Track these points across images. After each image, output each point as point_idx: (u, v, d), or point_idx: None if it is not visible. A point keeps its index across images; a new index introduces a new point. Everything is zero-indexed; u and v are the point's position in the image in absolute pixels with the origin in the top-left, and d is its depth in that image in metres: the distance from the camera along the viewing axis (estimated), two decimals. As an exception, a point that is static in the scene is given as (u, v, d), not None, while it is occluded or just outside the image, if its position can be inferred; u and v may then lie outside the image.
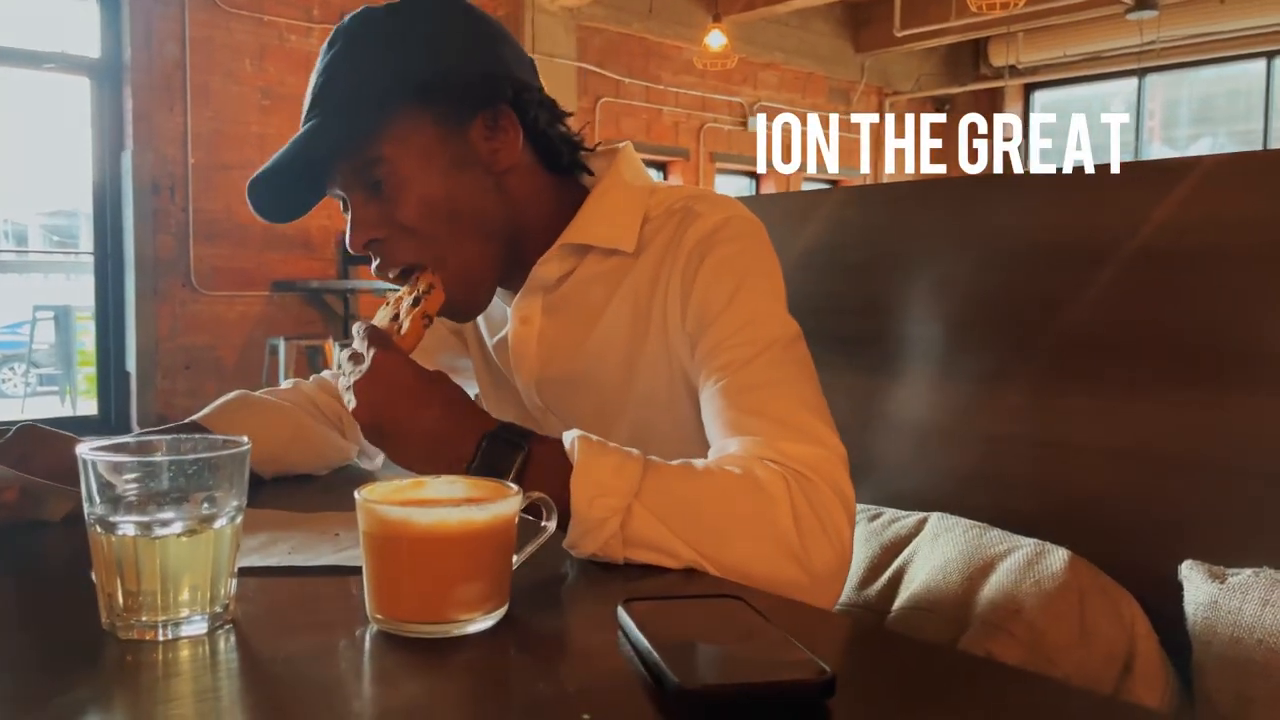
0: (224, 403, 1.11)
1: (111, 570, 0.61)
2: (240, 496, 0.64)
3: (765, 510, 0.80)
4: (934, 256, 1.28)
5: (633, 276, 1.00)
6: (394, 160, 0.93)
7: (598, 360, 1.02)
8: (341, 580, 0.72)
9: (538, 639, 0.65)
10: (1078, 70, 9.79)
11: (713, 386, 0.92)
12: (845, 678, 0.52)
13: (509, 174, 0.98)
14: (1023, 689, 0.57)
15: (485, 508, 0.62)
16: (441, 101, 0.94)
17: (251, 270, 6.66)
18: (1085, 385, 1.12)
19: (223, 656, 0.61)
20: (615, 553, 0.76)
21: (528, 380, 1.07)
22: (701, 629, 0.60)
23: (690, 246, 0.96)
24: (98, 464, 0.62)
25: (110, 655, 0.61)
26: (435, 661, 0.60)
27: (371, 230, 0.95)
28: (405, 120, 0.94)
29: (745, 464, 0.83)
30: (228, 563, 0.64)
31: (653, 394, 1.00)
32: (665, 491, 0.78)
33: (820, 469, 0.84)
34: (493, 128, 0.96)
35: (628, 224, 1.00)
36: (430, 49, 0.95)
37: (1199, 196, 1.05)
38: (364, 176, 0.94)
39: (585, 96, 7.93)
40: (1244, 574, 0.97)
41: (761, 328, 0.92)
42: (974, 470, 1.23)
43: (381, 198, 0.95)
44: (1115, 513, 1.11)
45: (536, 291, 1.04)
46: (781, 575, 0.79)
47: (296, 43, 6.75)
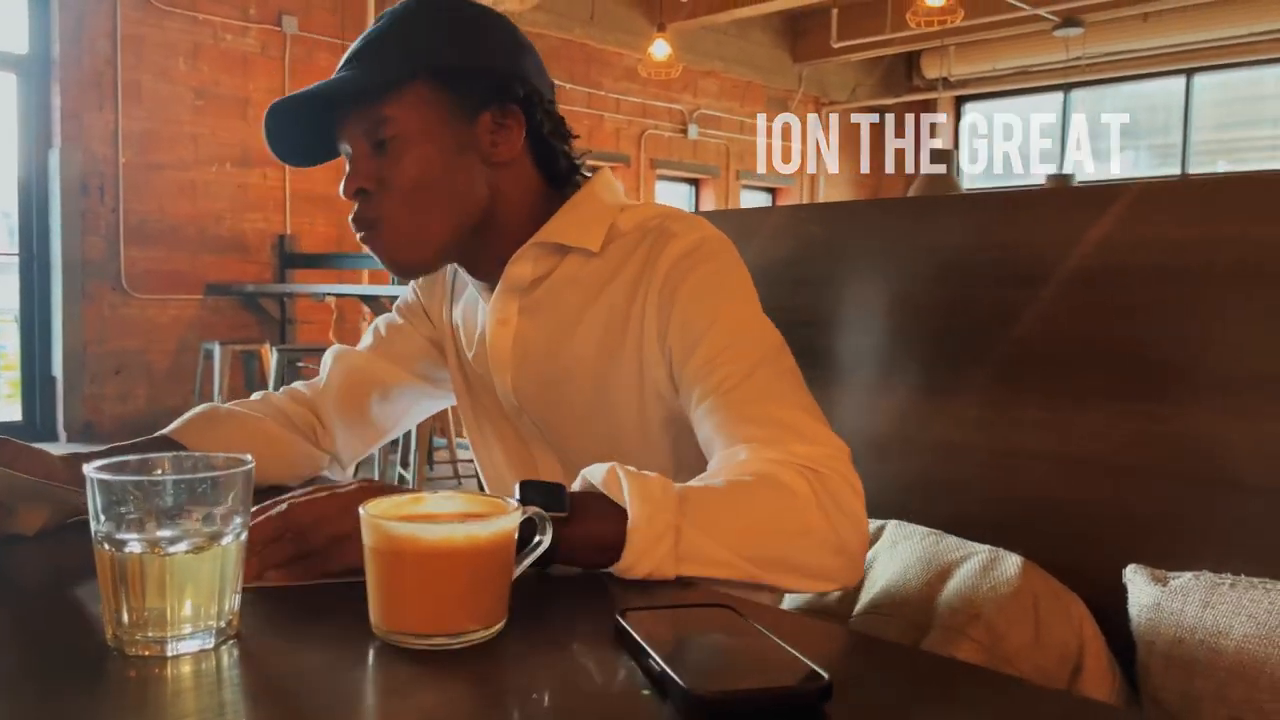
0: (193, 416, 1.11)
1: (118, 587, 0.62)
2: (245, 513, 0.65)
3: (796, 507, 0.85)
4: (890, 272, 1.33)
5: (610, 288, 1.05)
6: (402, 124, 1.00)
7: (572, 365, 1.06)
8: (343, 593, 0.73)
9: (538, 649, 0.67)
10: (1007, 84, 10.05)
11: (711, 402, 0.96)
12: (838, 682, 0.56)
13: (503, 168, 1.05)
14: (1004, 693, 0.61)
15: (489, 524, 0.64)
16: (460, 87, 1.02)
17: (185, 273, 6.53)
18: (1035, 397, 1.18)
19: (229, 672, 0.63)
20: (669, 570, 0.78)
21: (503, 380, 1.10)
22: (699, 637, 0.63)
23: (668, 266, 1.01)
24: (105, 482, 0.62)
25: (117, 672, 0.61)
26: (441, 673, 0.61)
27: (364, 181, 1.01)
28: (423, 92, 1.01)
29: (764, 468, 0.88)
30: (233, 578, 0.65)
31: (625, 405, 1.05)
32: (704, 506, 0.82)
33: (829, 464, 0.90)
34: (499, 123, 1.04)
35: (596, 228, 1.06)
36: (463, 39, 1.04)
37: (1133, 218, 1.11)
38: (372, 132, 1.01)
39: (526, 101, 7.92)
40: (1184, 577, 1.02)
41: (750, 342, 0.98)
42: (929, 478, 1.28)
43: (382, 156, 1.01)
44: (1064, 519, 1.16)
45: (512, 292, 1.08)
46: (824, 564, 0.86)
47: (232, 42, 6.64)
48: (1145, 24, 8.50)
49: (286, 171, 6.87)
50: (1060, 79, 9.49)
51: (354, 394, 1.20)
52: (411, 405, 1.26)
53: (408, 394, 1.24)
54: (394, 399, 1.23)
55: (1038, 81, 9.85)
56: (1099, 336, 1.14)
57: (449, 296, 1.22)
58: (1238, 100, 9.48)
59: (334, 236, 7.17)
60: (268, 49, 6.79)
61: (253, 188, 6.79)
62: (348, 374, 1.21)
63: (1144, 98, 9.85)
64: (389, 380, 1.21)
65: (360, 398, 1.20)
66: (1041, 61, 9.44)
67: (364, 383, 1.20)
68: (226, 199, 6.68)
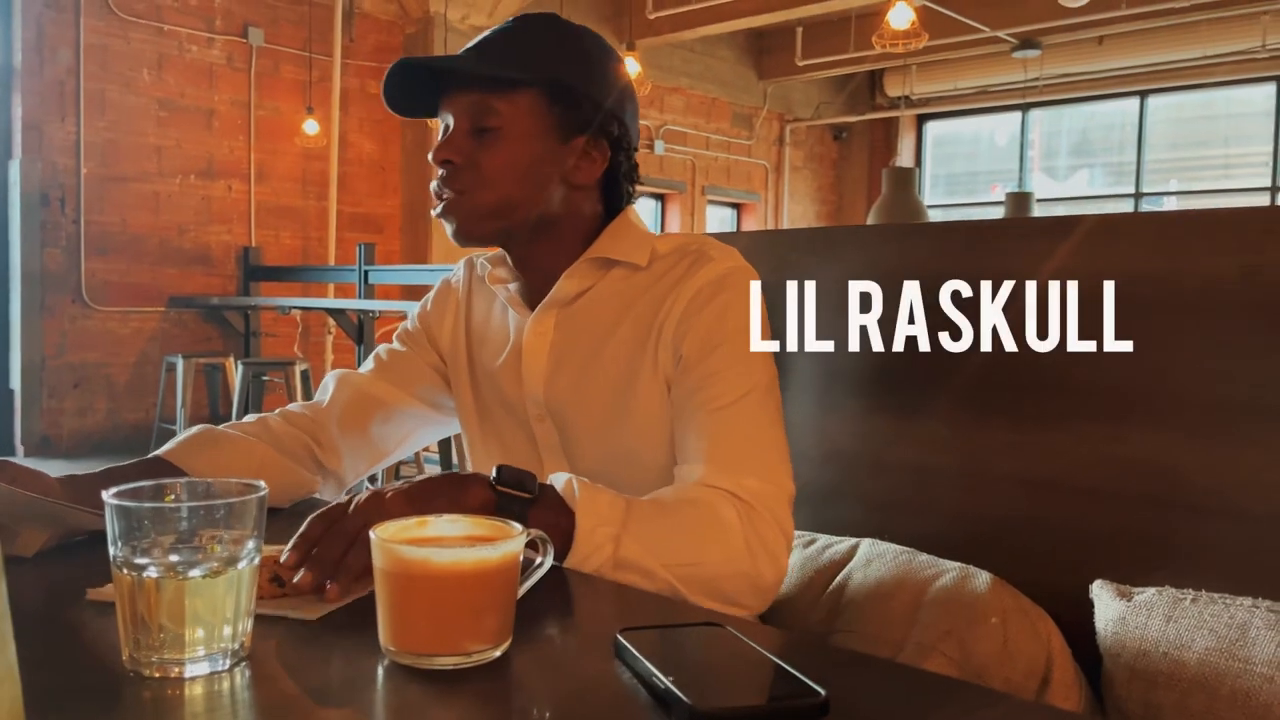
0: (189, 438, 1.12)
1: (136, 610, 0.64)
2: (258, 538, 0.67)
3: (724, 540, 0.98)
4: (863, 301, 1.37)
5: (642, 300, 1.13)
6: (506, 120, 1.10)
7: (601, 374, 1.13)
8: (352, 614, 0.75)
9: (542, 667, 0.70)
10: (967, 103, 10.24)
11: (696, 411, 1.06)
12: (833, 698, 0.59)
13: (575, 190, 1.15)
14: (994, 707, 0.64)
15: (497, 547, 0.67)
16: (566, 107, 1.12)
17: (147, 285, 6.47)
18: (1002, 420, 1.22)
19: (243, 693, 0.65)
20: (607, 573, 0.91)
21: (534, 388, 1.16)
22: (697, 655, 0.66)
23: (701, 284, 1.11)
24: (124, 508, 0.64)
25: (136, 693, 0.63)
26: (451, 692, 0.64)
27: (455, 155, 1.10)
28: (534, 100, 1.11)
29: (705, 495, 1.01)
30: (247, 601, 0.67)
31: (647, 414, 1.11)
32: (646, 522, 0.95)
33: (767, 503, 1.02)
34: (587, 151, 1.14)
35: (642, 245, 1.16)
36: (585, 68, 1.14)
37: (1088, 247, 1.17)
38: (476, 116, 1.10)
39: (493, 116, 7.94)
40: (1148, 593, 1.07)
41: (750, 373, 1.08)
42: (900, 498, 1.32)
43: (478, 139, 1.10)
44: (1031, 537, 1.21)
45: (553, 306, 1.16)
46: (739, 593, 0.98)
47: (197, 54, 6.60)
48: (1100, 47, 8.70)
49: (252, 184, 6.84)
50: (1019, 99, 9.68)
51: (357, 415, 1.23)
52: (415, 429, 1.29)
53: (410, 417, 1.27)
54: (396, 421, 1.26)
55: (997, 101, 10.04)
56: (1060, 362, 1.18)
57: (463, 312, 1.28)
58: (1189, 121, 9.73)
59: (299, 249, 7.14)
60: (233, 60, 6.76)
61: (217, 200, 6.75)
62: (351, 395, 1.24)
63: (1099, 118, 10.08)
64: (391, 402, 1.25)
65: (363, 419, 1.23)
66: (1001, 81, 9.63)
67: (367, 404, 1.24)
68: (190, 211, 6.63)
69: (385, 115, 7.55)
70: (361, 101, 7.38)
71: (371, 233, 7.26)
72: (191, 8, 6.56)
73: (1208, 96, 9.34)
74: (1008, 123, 10.47)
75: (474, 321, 1.26)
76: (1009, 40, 8.41)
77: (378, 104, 7.52)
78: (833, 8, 7.79)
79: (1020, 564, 1.18)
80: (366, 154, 7.45)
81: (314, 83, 7.01)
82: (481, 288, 1.28)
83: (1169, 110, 9.65)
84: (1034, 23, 7.91)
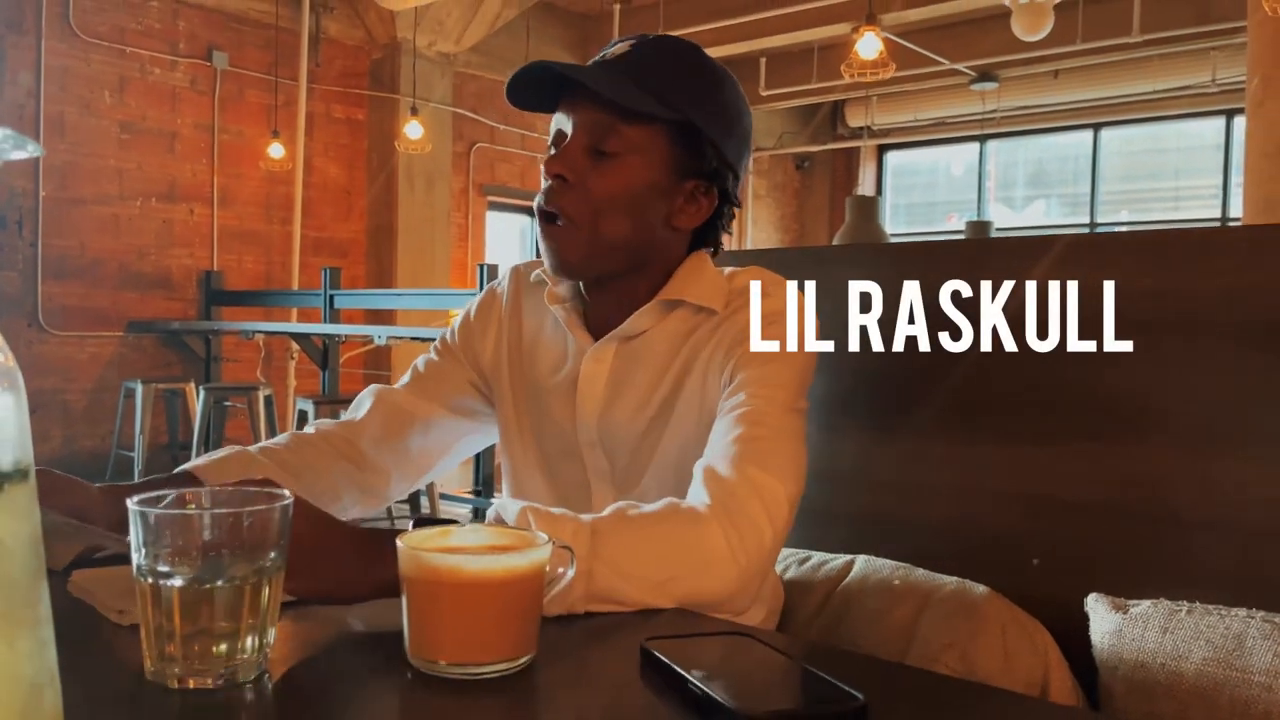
0: (224, 458, 1.10)
1: (161, 619, 0.63)
2: (282, 548, 0.66)
3: (699, 538, 0.89)
4: (857, 317, 1.38)
5: (697, 337, 1.12)
6: (628, 145, 1.08)
7: (654, 411, 1.12)
8: (376, 623, 0.74)
9: (568, 678, 0.69)
10: (926, 134, 10.42)
11: (727, 415, 1.04)
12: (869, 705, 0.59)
13: (673, 231, 1.14)
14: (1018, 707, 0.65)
15: (525, 554, 0.67)
16: (690, 148, 1.10)
17: (105, 309, 6.37)
18: (999, 437, 1.24)
19: (269, 702, 0.64)
20: (579, 608, 0.82)
21: (588, 418, 1.14)
22: (729, 662, 0.66)
23: (749, 319, 1.09)
24: (148, 516, 0.63)
25: (160, 704, 0.62)
26: (480, 702, 0.63)
27: (569, 171, 1.08)
28: (659, 134, 1.09)
29: (684, 503, 0.94)
30: (273, 610, 0.66)
31: (682, 432, 1.10)
32: (616, 546, 0.84)
33: (766, 495, 0.95)
34: (695, 196, 1.12)
35: (718, 289, 1.14)
36: (718, 116, 1.11)
37: (1081, 265, 1.19)
38: (598, 134, 1.08)
39: (460, 141, 7.96)
40: (1143, 605, 1.09)
41: (780, 393, 1.06)
42: (894, 515, 1.33)
43: (595, 159, 1.08)
44: (1024, 552, 1.22)
45: (615, 339, 1.14)
46: (722, 593, 0.88)
47: (160, 76, 6.55)
48: (1056, 80, 8.91)
49: (214, 207, 6.77)
50: (977, 130, 9.86)
51: (395, 431, 1.20)
52: (455, 440, 1.26)
53: (449, 429, 1.24)
54: (436, 434, 1.23)
55: (955, 132, 10.22)
56: (1053, 380, 1.20)
57: (507, 325, 1.24)
58: (1141, 153, 9.96)
59: (262, 274, 7.07)
60: (197, 83, 6.71)
61: (179, 223, 6.68)
62: (388, 412, 1.21)
63: (1055, 149, 10.29)
64: (428, 416, 1.22)
65: (402, 434, 1.21)
66: (959, 113, 9.81)
67: (404, 420, 1.21)
68: (151, 234, 6.55)
69: (351, 139, 7.53)
70: (327, 126, 7.35)
71: (336, 257, 7.21)
72: (155, 30, 6.51)
73: (1159, 130, 9.58)
74: (965, 154, 10.66)
75: (525, 333, 1.23)
76: (967, 73, 8.58)
77: (343, 128, 7.52)
78: (796, 39, 7.91)
79: (1014, 578, 1.19)
80: (331, 178, 7.42)
81: (279, 107, 6.98)
82: (532, 298, 1.24)
83: (1121, 143, 9.88)
84: (992, 56, 8.08)
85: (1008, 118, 9.61)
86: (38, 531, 0.48)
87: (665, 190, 1.10)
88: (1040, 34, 6.81)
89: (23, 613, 0.47)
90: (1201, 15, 7.15)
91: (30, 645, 0.48)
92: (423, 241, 7.48)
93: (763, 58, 8.76)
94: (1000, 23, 6.95)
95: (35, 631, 0.48)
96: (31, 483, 0.48)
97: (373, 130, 7.53)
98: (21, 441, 0.48)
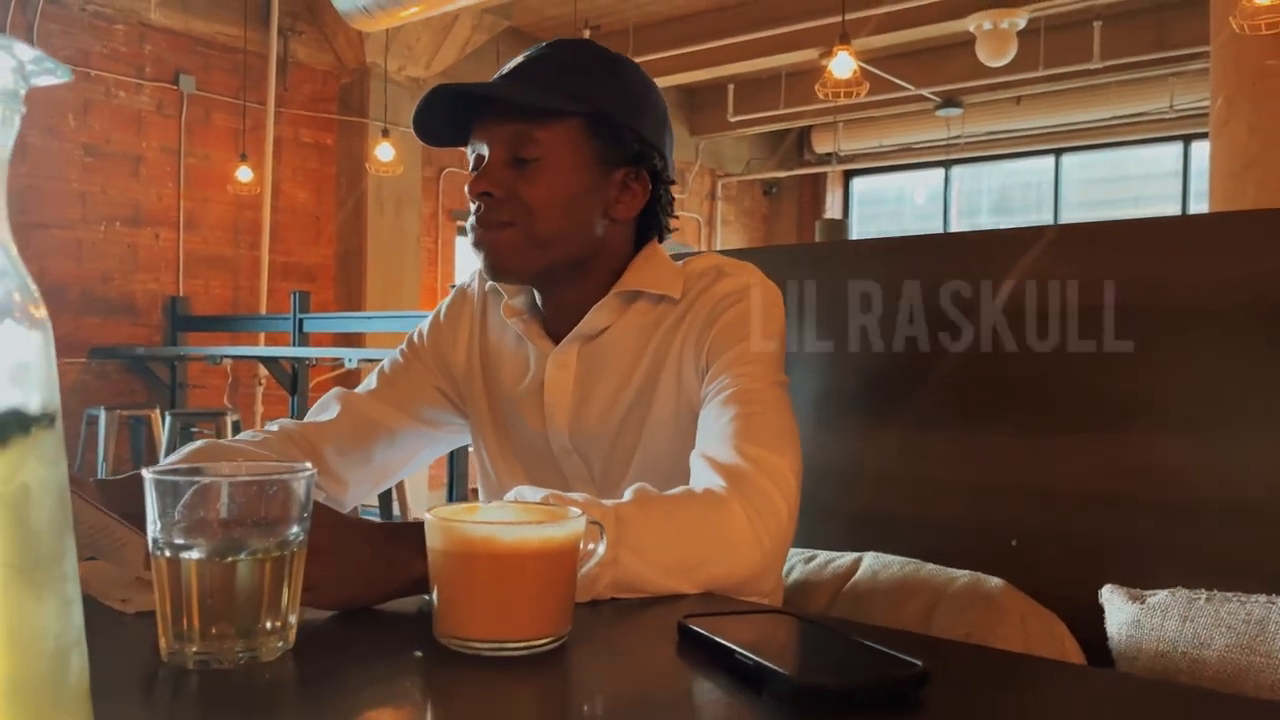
0: (195, 450, 1.06)
1: (179, 596, 0.59)
2: (305, 522, 0.63)
3: (723, 521, 0.88)
4: (855, 312, 1.37)
5: (663, 328, 1.11)
6: (548, 150, 1.06)
7: (626, 409, 1.11)
8: (398, 603, 0.71)
9: (604, 655, 0.66)
10: (891, 159, 10.53)
11: (714, 399, 1.03)
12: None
13: (614, 224, 1.12)
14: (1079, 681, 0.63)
15: (562, 525, 0.64)
16: (610, 139, 1.09)
17: (68, 335, 6.23)
18: (1006, 430, 1.23)
19: (296, 684, 0.60)
20: (605, 596, 0.79)
21: (558, 425, 1.12)
22: (776, 637, 0.64)
23: (718, 298, 1.09)
24: (165, 483, 0.60)
25: (180, 687, 0.58)
26: (516, 680, 0.60)
27: (495, 188, 1.07)
28: (576, 130, 1.08)
29: (701, 485, 0.93)
30: (295, 589, 0.63)
31: (661, 427, 1.09)
32: (642, 533, 0.81)
33: (773, 473, 0.94)
34: (628, 184, 1.11)
35: (674, 276, 1.13)
36: (629, 99, 1.11)
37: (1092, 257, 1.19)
38: (515, 146, 1.06)
39: (429, 166, 7.93)
40: (1161, 595, 1.07)
41: (764, 370, 1.05)
42: (904, 512, 1.31)
43: (517, 169, 1.07)
44: (1036, 546, 1.20)
45: (576, 340, 1.13)
46: (748, 575, 0.87)
47: (125, 99, 6.47)
48: (1019, 106, 9.05)
49: (181, 232, 6.68)
50: (942, 155, 9.99)
51: (359, 440, 1.17)
52: (420, 449, 1.24)
53: (415, 438, 1.22)
54: (400, 444, 1.20)
55: (920, 157, 10.35)
56: (1060, 372, 1.20)
57: (478, 325, 1.22)
58: (1102, 180, 10.13)
59: (229, 299, 6.98)
60: (164, 107, 6.64)
61: (143, 248, 6.57)
62: (356, 421, 1.18)
63: (1017, 175, 10.44)
64: (394, 426, 1.19)
65: (366, 444, 1.17)
66: (924, 139, 9.93)
67: (371, 430, 1.18)
68: (115, 259, 6.44)
69: (319, 164, 7.48)
70: (295, 150, 7.29)
71: (304, 282, 7.12)
72: (121, 54, 6.44)
73: (1119, 156, 9.75)
74: (930, 179, 10.79)
75: (489, 338, 1.21)
76: (932, 99, 8.69)
77: (312, 152, 7.47)
78: (764, 65, 7.98)
79: (1026, 572, 1.17)
80: (300, 203, 7.35)
81: (247, 131, 6.91)
82: (496, 304, 1.22)
83: (1082, 169, 10.04)
84: (956, 82, 8.20)
85: (972, 143, 9.74)
86: (64, 481, 0.45)
87: (595, 185, 1.09)
88: (1004, 60, 6.92)
89: (49, 568, 0.44)
90: (1160, 42, 7.30)
91: (57, 603, 0.44)
92: (392, 266, 7.42)
93: (730, 84, 8.83)
94: (965, 49, 7.06)
95: (62, 589, 0.45)
96: (58, 430, 0.45)
97: (341, 155, 7.48)
98: (50, 385, 0.45)
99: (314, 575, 0.66)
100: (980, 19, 6.51)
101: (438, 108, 1.09)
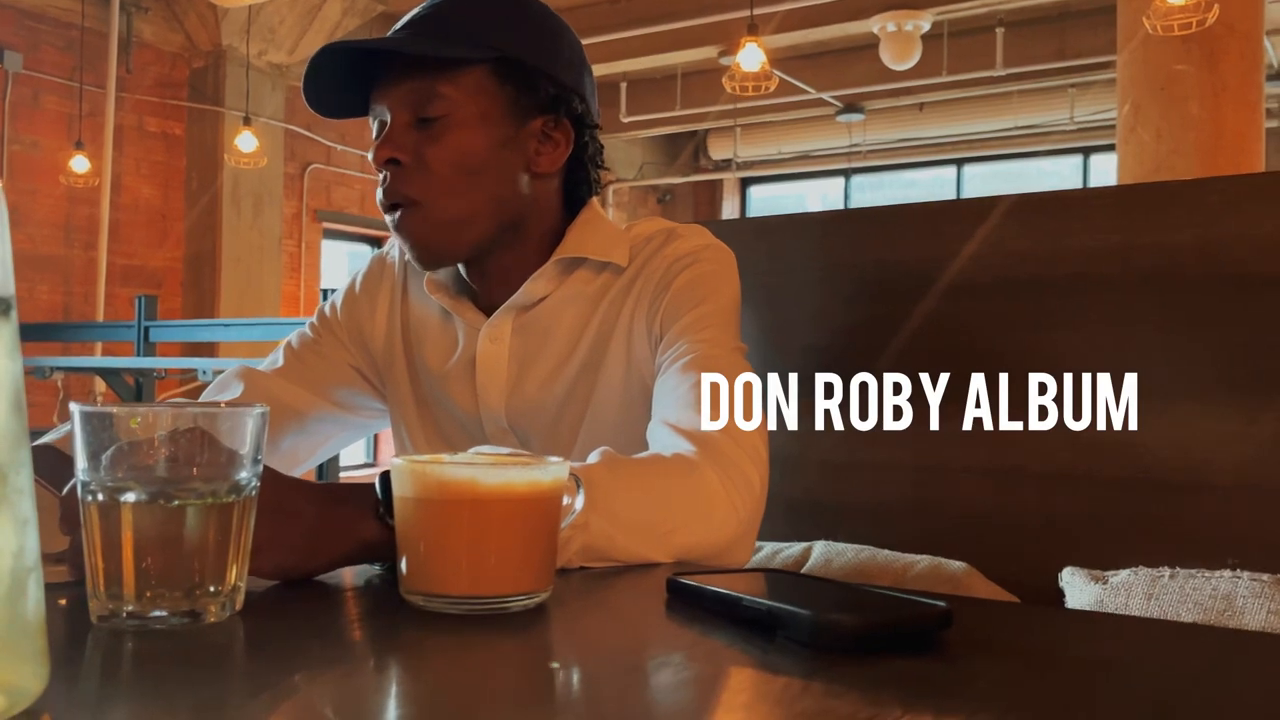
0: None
1: (109, 547, 0.56)
2: (255, 468, 0.60)
3: (697, 485, 0.87)
4: (804, 289, 1.39)
5: (609, 295, 1.09)
6: (454, 104, 1.02)
7: (570, 383, 1.09)
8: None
9: (588, 615, 0.65)
10: (790, 167, 10.78)
11: (672, 366, 1.02)
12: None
13: (538, 179, 1.09)
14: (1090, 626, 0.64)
15: (547, 470, 0.63)
16: (521, 85, 1.05)
17: None
18: (959, 410, 1.26)
19: (245, 647, 0.57)
20: (574, 564, 0.77)
21: (493, 404, 1.09)
22: (781, 586, 0.64)
23: (669, 261, 1.08)
24: (96, 415, 0.56)
25: (113, 650, 0.54)
26: (498, 638, 0.58)
27: (400, 153, 1.02)
28: (484, 79, 1.04)
29: (671, 448, 0.92)
30: (245, 539, 0.59)
31: (608, 399, 1.07)
32: (613, 496, 0.80)
33: (740, 438, 0.93)
34: (548, 134, 1.08)
35: (619, 242, 1.11)
36: (537, 40, 1.08)
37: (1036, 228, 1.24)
38: (419, 105, 1.03)
39: (292, 162, 7.74)
40: (1123, 574, 1.11)
41: (723, 335, 1.05)
42: (856, 499, 1.33)
43: (424, 130, 1.03)
44: (993, 529, 1.24)
45: (511, 310, 1.10)
46: (724, 542, 0.87)
47: None
48: (921, 114, 9.38)
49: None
50: (843, 163, 10.27)
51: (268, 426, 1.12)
52: (332, 435, 1.20)
53: (327, 423, 1.18)
54: (311, 430, 1.16)
55: (820, 165, 10.62)
56: (1014, 348, 1.24)
57: (399, 297, 1.18)
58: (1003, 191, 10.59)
59: (60, 305, 6.66)
60: (-16, 87, 6.32)
61: (-41, 246, 6.22)
62: (259, 400, 1.12)
63: (919, 185, 10.81)
64: (305, 410, 1.15)
65: (273, 431, 1.12)
66: (824, 146, 10.20)
67: (280, 414, 1.13)
68: (-75, 258, 6.08)
69: (167, 156, 7.22)
70: (139, 140, 7.03)
71: (149, 287, 6.86)
72: (-67, 25, 6.12)
73: (1019, 168, 10.21)
74: (830, 188, 11.09)
75: (412, 312, 1.17)
76: (833, 104, 8.94)
77: (158, 143, 7.22)
78: (659, 63, 8.08)
79: (983, 556, 1.20)
80: (145, 199, 7.08)
81: (84, 116, 6.63)
82: (417, 277, 1.18)
83: (983, 180, 10.47)
84: (859, 86, 8.45)
85: (873, 151, 10.05)
86: (20, 383, 0.42)
87: (511, 138, 1.05)
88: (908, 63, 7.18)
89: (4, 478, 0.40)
90: (1061, 50, 7.68)
91: (12, 520, 0.41)
92: (249, 271, 7.20)
93: (624, 82, 8.90)
94: (869, 53, 7.30)
95: (17, 505, 0.41)
96: (13, 321, 0.42)
97: (193, 147, 7.24)
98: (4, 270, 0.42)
99: (254, 538, 0.63)
100: (884, 19, 6.74)
101: (328, 74, 1.05)
